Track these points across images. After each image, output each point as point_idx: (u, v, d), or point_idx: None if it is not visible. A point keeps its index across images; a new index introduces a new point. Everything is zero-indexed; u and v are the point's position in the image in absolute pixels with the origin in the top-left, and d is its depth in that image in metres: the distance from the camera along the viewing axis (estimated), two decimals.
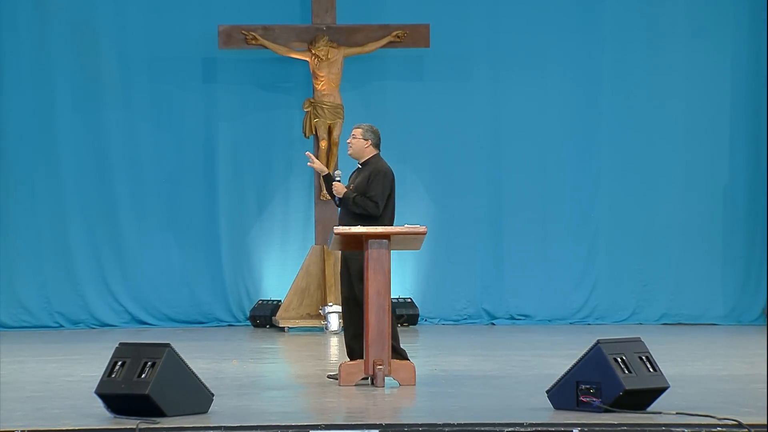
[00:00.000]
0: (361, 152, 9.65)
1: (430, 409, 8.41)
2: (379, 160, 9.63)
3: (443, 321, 15.24)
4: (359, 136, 9.64)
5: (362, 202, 9.42)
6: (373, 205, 9.40)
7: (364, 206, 9.41)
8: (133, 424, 7.27)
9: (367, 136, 9.63)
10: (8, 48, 14.78)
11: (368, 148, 9.64)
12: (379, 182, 9.47)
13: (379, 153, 9.68)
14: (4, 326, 14.67)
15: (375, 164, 9.58)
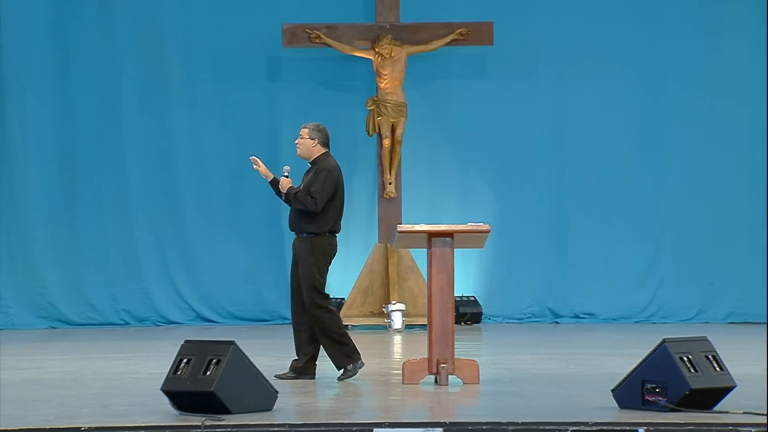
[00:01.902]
0: (309, 152, 9.68)
1: (494, 407, 8.38)
2: (327, 158, 9.66)
3: (507, 319, 15.19)
4: (306, 136, 9.69)
5: (302, 198, 9.46)
6: (312, 201, 9.42)
7: (303, 202, 9.45)
8: (199, 421, 7.30)
9: (314, 135, 9.67)
10: (75, 48, 14.91)
11: (315, 147, 9.67)
12: (321, 179, 9.49)
13: (329, 151, 9.68)
14: (71, 323, 14.81)
15: (322, 162, 9.61)
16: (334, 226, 9.55)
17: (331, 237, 9.52)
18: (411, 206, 14.87)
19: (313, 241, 9.46)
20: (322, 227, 9.47)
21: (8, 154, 14.82)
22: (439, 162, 15.27)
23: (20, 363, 11.01)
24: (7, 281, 14.61)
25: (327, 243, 9.50)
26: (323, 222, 9.45)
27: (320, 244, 9.45)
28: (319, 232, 9.46)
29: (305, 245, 9.48)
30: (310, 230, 9.47)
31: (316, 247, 9.44)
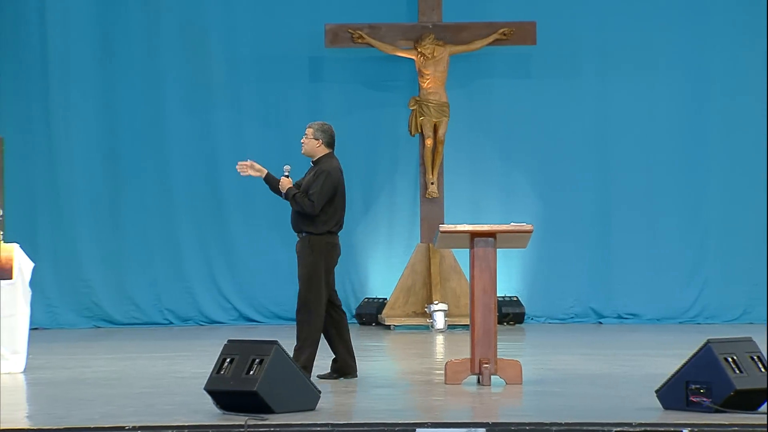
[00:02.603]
0: (313, 151, 9.68)
1: (537, 408, 8.36)
2: (330, 159, 9.64)
3: (550, 320, 15.14)
4: (310, 135, 9.69)
5: (300, 199, 9.46)
6: (310, 203, 9.42)
7: (301, 204, 9.46)
8: (242, 421, 7.33)
9: (318, 135, 9.65)
10: (120, 49, 14.99)
11: (320, 147, 9.66)
12: (321, 181, 9.49)
13: (332, 152, 9.67)
14: (115, 323, 14.88)
15: (323, 163, 9.59)
16: (334, 227, 9.55)
17: (330, 236, 9.52)
18: (453, 206, 14.86)
19: (312, 240, 9.46)
20: (320, 228, 9.48)
21: (53, 154, 14.91)
22: (482, 162, 15.25)
23: (65, 362, 11.08)
24: (53, 281, 14.69)
25: (326, 242, 9.50)
26: (321, 223, 9.47)
27: (318, 244, 9.45)
28: (318, 231, 9.46)
29: (305, 245, 9.48)
30: (308, 230, 9.48)
31: (315, 247, 9.44)
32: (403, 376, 10.46)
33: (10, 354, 10.28)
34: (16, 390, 9.45)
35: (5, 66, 14.21)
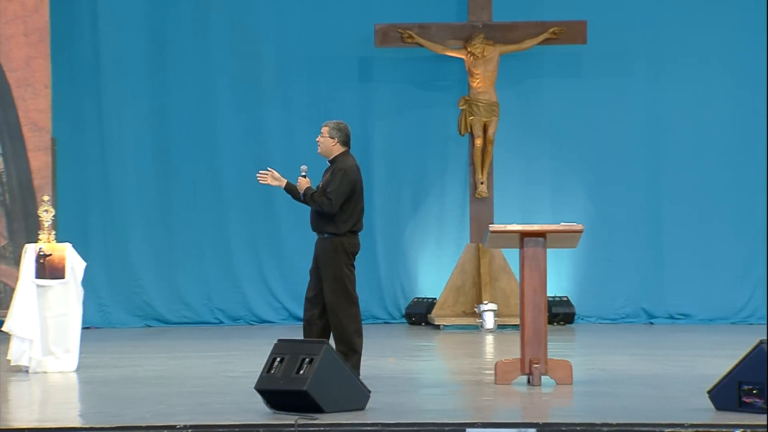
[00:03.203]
0: (329, 150, 9.60)
1: (587, 408, 8.33)
2: (346, 158, 9.57)
3: (600, 320, 15.07)
4: (326, 135, 9.61)
5: (319, 198, 9.40)
6: (328, 202, 9.36)
7: (319, 203, 9.40)
8: (292, 420, 7.35)
9: (334, 134, 9.59)
10: (172, 49, 15.06)
11: (335, 146, 9.59)
12: (338, 179, 9.42)
13: (348, 150, 9.61)
14: (166, 322, 14.95)
15: (340, 162, 9.53)
16: (355, 226, 9.50)
17: (352, 236, 9.48)
18: (503, 206, 14.83)
19: (334, 241, 9.42)
20: (341, 228, 9.43)
21: (105, 154, 15.00)
22: (532, 161, 15.20)
23: (117, 361, 11.15)
24: (104, 280, 14.78)
25: (348, 242, 9.45)
26: (342, 222, 9.42)
27: (341, 244, 9.41)
28: (339, 232, 9.42)
29: (327, 246, 9.43)
30: (330, 231, 9.43)
31: (338, 247, 9.41)
32: (452, 376, 10.45)
33: (63, 353, 10.36)
34: (69, 389, 9.53)
35: (58, 67, 14.31)
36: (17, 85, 14.01)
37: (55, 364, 10.31)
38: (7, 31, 14.00)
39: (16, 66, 14.02)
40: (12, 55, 14.01)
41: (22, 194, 14.02)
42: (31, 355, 10.27)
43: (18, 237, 13.83)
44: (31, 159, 14.05)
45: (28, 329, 10.28)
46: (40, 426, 7.49)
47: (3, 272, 13.89)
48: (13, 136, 14.04)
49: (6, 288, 13.73)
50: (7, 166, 14.04)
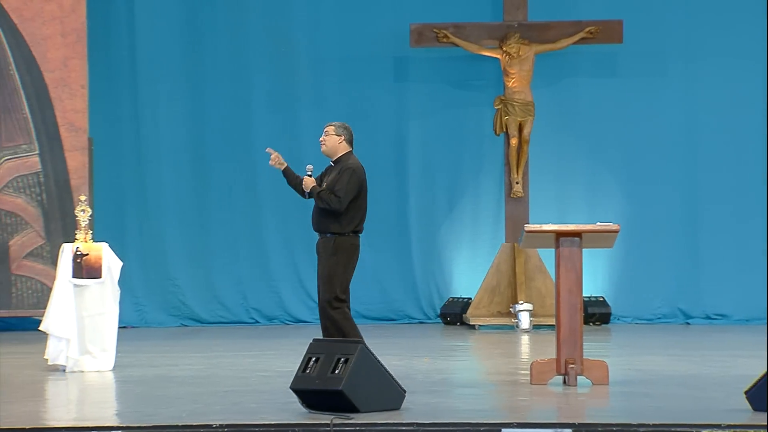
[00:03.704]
0: (335, 149, 9.60)
1: (624, 409, 8.30)
2: (351, 157, 9.57)
3: (637, 320, 15.02)
4: (332, 133, 9.61)
5: (326, 196, 9.39)
6: (336, 200, 9.35)
7: (327, 201, 9.38)
8: (328, 420, 7.35)
9: (340, 131, 9.60)
10: (207, 49, 15.11)
11: (341, 145, 9.59)
12: (346, 178, 9.41)
13: (352, 150, 9.61)
14: (202, 321, 15.00)
15: (346, 161, 9.52)
16: (358, 226, 9.50)
17: (354, 237, 9.48)
18: (538, 206, 14.79)
19: (337, 240, 9.42)
20: (345, 227, 9.43)
21: (141, 154, 15.07)
22: (567, 161, 15.16)
23: (153, 360, 11.19)
24: (140, 280, 14.85)
25: (350, 243, 9.45)
26: (346, 222, 9.41)
27: (343, 244, 9.41)
28: (342, 232, 9.42)
29: (329, 245, 9.43)
30: (334, 230, 9.42)
31: (340, 247, 9.40)
32: (488, 376, 10.44)
33: (99, 352, 10.41)
34: (105, 388, 9.57)
35: (95, 67, 14.38)
36: (54, 86, 14.10)
37: (91, 364, 10.35)
38: (45, 31, 14.09)
39: (54, 66, 14.10)
40: (49, 56, 14.09)
41: (59, 194, 14.10)
42: (68, 354, 10.32)
43: (55, 237, 13.91)
44: (68, 159, 14.13)
45: (65, 329, 10.33)
46: (77, 425, 7.52)
47: (40, 272, 13.97)
48: (50, 136, 14.12)
49: (43, 287, 13.81)
50: (44, 166, 14.12)
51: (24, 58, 14.09)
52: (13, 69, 14.09)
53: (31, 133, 14.12)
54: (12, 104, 14.09)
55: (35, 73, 14.10)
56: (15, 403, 8.64)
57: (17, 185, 14.09)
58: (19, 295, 13.99)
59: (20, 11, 14.08)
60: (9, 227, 14.04)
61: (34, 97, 14.12)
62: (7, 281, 13.97)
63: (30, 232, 14.06)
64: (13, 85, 14.08)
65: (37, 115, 14.11)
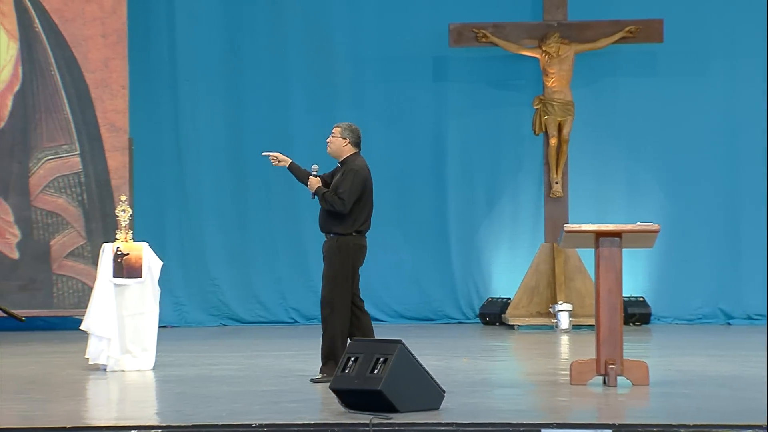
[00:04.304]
0: (340, 151, 9.61)
1: (664, 409, 8.26)
2: (356, 159, 9.58)
3: (677, 320, 14.95)
4: (338, 135, 9.62)
5: (330, 198, 9.40)
6: (340, 201, 9.36)
7: (331, 203, 9.39)
8: (367, 420, 7.35)
9: (345, 134, 9.58)
10: (246, 50, 15.16)
11: (347, 147, 9.59)
12: (350, 180, 9.42)
13: (359, 152, 9.61)
14: (241, 321, 15.05)
15: (351, 163, 9.53)
16: (362, 226, 9.51)
17: (358, 237, 9.48)
18: (578, 205, 14.75)
19: (340, 241, 9.43)
20: (348, 228, 9.44)
21: (181, 154, 15.13)
22: (607, 160, 15.11)
23: (193, 360, 11.23)
24: (180, 279, 14.90)
25: (354, 243, 9.45)
26: (350, 222, 9.43)
27: (347, 244, 9.42)
28: (345, 232, 9.43)
29: (332, 246, 9.45)
30: (337, 230, 9.44)
31: (343, 247, 9.41)
32: (527, 376, 10.42)
33: (140, 351, 10.45)
34: (146, 387, 9.61)
35: (135, 68, 14.46)
36: (95, 86, 14.18)
37: (132, 363, 10.40)
38: (86, 32, 14.17)
39: (94, 67, 14.19)
40: (90, 57, 14.18)
41: (99, 194, 14.18)
42: (109, 353, 10.37)
43: (96, 236, 13.99)
44: (109, 159, 14.20)
45: (106, 328, 10.38)
46: (117, 424, 7.56)
47: (81, 271, 14.06)
48: (91, 136, 14.21)
49: (84, 287, 13.90)
50: (85, 167, 14.20)
51: (65, 59, 14.19)
52: (54, 70, 14.18)
53: (72, 133, 14.21)
54: (53, 105, 14.19)
55: (76, 74, 14.19)
56: (56, 402, 8.69)
57: (58, 185, 14.18)
58: (60, 295, 14.08)
59: (61, 12, 14.17)
60: (50, 227, 14.13)
61: (75, 97, 14.20)
62: (49, 281, 14.06)
63: (71, 232, 14.15)
64: (54, 86, 14.18)
65: (78, 115, 14.20)
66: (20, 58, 14.17)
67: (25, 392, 9.07)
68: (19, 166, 14.15)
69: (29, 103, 14.17)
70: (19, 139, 14.15)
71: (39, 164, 14.18)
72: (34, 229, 14.11)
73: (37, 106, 14.17)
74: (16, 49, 14.18)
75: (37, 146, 14.17)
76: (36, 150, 14.18)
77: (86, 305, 10.82)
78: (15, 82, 14.18)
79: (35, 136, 14.17)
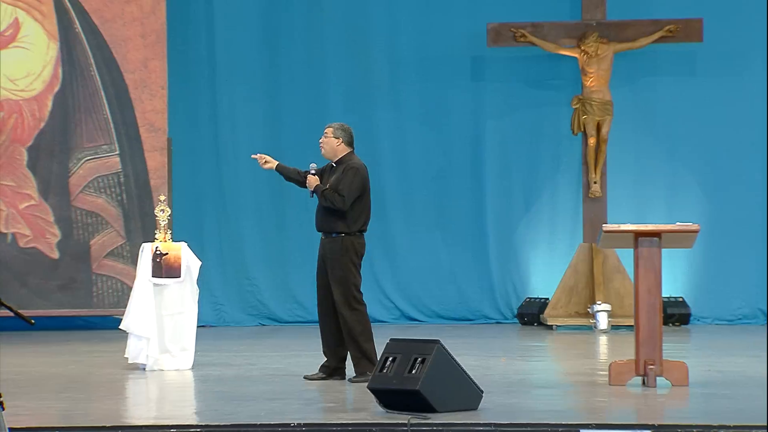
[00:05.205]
0: (333, 151, 9.61)
1: (703, 410, 8.22)
2: (353, 157, 9.58)
3: (717, 321, 14.87)
4: (330, 135, 9.62)
5: (330, 195, 9.41)
6: (340, 199, 9.37)
7: (331, 200, 9.39)
8: (405, 420, 7.35)
9: (338, 134, 9.58)
10: (284, 50, 15.18)
11: (340, 147, 9.59)
12: (350, 177, 9.42)
13: (353, 150, 9.61)
14: (279, 321, 15.07)
15: (348, 161, 9.52)
16: (364, 225, 9.55)
17: (360, 236, 9.51)
18: (616, 205, 14.70)
19: (344, 240, 9.44)
20: (352, 227, 9.47)
21: (219, 154, 15.17)
22: (646, 160, 15.05)
23: (231, 359, 11.26)
24: (219, 279, 14.95)
25: (357, 242, 9.49)
26: (352, 221, 9.45)
27: (351, 244, 9.43)
28: (349, 231, 9.44)
29: (336, 245, 9.46)
30: (341, 230, 9.46)
31: (348, 247, 9.43)
32: (565, 376, 10.39)
33: (179, 351, 10.49)
34: (184, 387, 9.65)
35: (174, 68, 14.51)
36: (134, 87, 14.25)
37: (171, 362, 10.44)
38: (125, 33, 14.24)
39: (134, 67, 14.25)
40: (129, 57, 14.25)
41: (139, 194, 14.24)
42: (148, 353, 10.41)
43: (135, 236, 14.06)
44: (148, 159, 14.27)
45: (145, 327, 10.43)
46: (157, 423, 7.59)
47: (120, 271, 14.13)
48: (130, 136, 14.28)
49: (123, 287, 13.96)
50: (124, 167, 14.27)
51: (105, 60, 14.26)
52: (94, 70, 14.26)
53: (111, 133, 14.28)
54: (93, 105, 14.26)
55: (116, 74, 14.26)
56: (96, 401, 8.74)
57: (98, 185, 14.25)
58: (99, 295, 14.16)
59: (101, 13, 14.25)
60: (90, 227, 14.21)
61: (115, 98, 14.28)
62: (88, 280, 14.14)
63: (110, 232, 14.22)
64: (94, 86, 14.26)
65: (118, 115, 14.27)
66: (60, 59, 14.26)
67: (65, 391, 9.13)
68: (59, 167, 14.24)
69: (69, 104, 14.25)
70: (59, 139, 14.24)
71: (79, 164, 14.26)
72: (74, 229, 14.19)
73: (77, 106, 14.25)
74: (56, 49, 14.27)
75: (77, 146, 14.26)
76: (76, 150, 14.26)
77: (125, 305, 10.88)
78: (55, 82, 14.27)
79: (75, 137, 14.25)
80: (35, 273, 14.08)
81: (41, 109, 14.24)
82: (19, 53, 14.23)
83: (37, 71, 14.24)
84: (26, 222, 14.17)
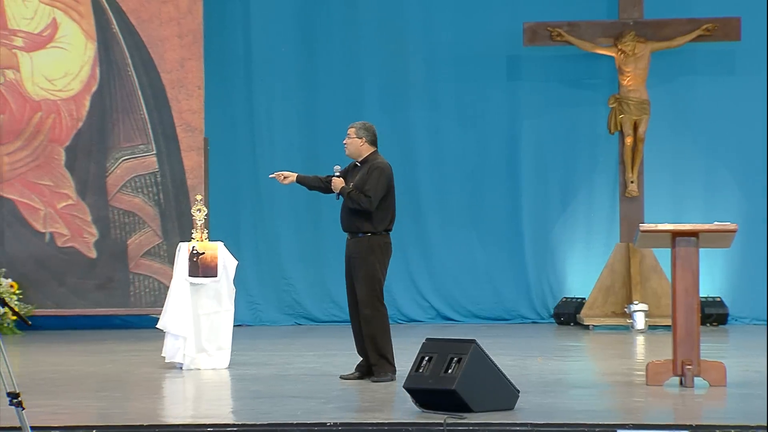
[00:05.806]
0: (357, 150, 9.58)
1: (741, 410, 8.18)
2: (377, 157, 9.54)
3: (755, 321, 14.78)
4: (353, 135, 9.59)
5: (356, 197, 9.38)
6: (367, 200, 9.34)
7: (357, 201, 9.37)
8: (441, 419, 7.35)
9: (361, 134, 9.54)
10: (321, 49, 15.20)
11: (364, 146, 9.56)
12: (376, 177, 9.40)
13: (377, 150, 9.56)
14: (315, 320, 15.09)
15: (373, 161, 9.50)
16: (390, 225, 9.53)
17: (386, 236, 9.50)
18: (653, 205, 14.64)
19: (371, 240, 9.42)
20: (378, 226, 9.45)
21: (255, 153, 15.21)
22: (683, 159, 14.98)
23: (268, 359, 11.29)
24: (255, 278, 14.98)
25: (384, 242, 9.48)
26: (378, 221, 9.42)
27: (378, 244, 9.42)
28: (375, 231, 9.42)
29: (363, 245, 9.43)
30: (366, 230, 9.44)
31: (375, 247, 9.41)
32: (602, 376, 10.35)
33: (215, 350, 10.52)
34: (221, 386, 9.68)
35: (211, 68, 14.55)
36: (171, 86, 14.30)
37: (207, 362, 10.47)
38: (162, 33, 14.30)
39: (171, 67, 14.31)
40: (166, 57, 14.30)
41: (175, 194, 14.29)
42: (185, 352, 10.45)
43: (172, 236, 14.11)
44: (185, 159, 14.32)
45: (182, 327, 10.47)
46: (194, 422, 7.62)
47: (157, 270, 14.18)
48: (167, 136, 14.33)
49: (160, 286, 14.02)
50: (161, 166, 14.33)
51: (142, 60, 14.32)
52: (131, 70, 14.32)
53: (148, 133, 14.34)
54: (130, 105, 14.33)
55: (153, 74, 14.32)
56: (133, 400, 8.78)
57: (135, 185, 14.32)
58: (136, 294, 14.22)
59: (138, 13, 14.31)
60: (127, 226, 14.28)
61: (152, 97, 14.34)
62: (126, 280, 14.20)
63: (147, 231, 14.28)
64: (131, 86, 14.32)
65: (155, 115, 14.33)
66: (98, 59, 14.33)
67: (102, 390, 9.17)
68: (97, 166, 14.31)
69: (106, 104, 14.32)
70: (97, 139, 14.31)
71: (116, 164, 14.32)
72: (112, 228, 14.26)
73: (115, 106, 14.32)
74: (94, 49, 14.34)
75: (114, 146, 14.32)
76: (113, 150, 14.33)
77: (162, 304, 10.92)
78: (93, 82, 14.34)
79: (112, 137, 14.32)
80: (73, 272, 14.16)
81: (79, 109, 14.32)
82: (57, 53, 14.32)
83: (74, 71, 14.32)
84: (64, 222, 14.25)
